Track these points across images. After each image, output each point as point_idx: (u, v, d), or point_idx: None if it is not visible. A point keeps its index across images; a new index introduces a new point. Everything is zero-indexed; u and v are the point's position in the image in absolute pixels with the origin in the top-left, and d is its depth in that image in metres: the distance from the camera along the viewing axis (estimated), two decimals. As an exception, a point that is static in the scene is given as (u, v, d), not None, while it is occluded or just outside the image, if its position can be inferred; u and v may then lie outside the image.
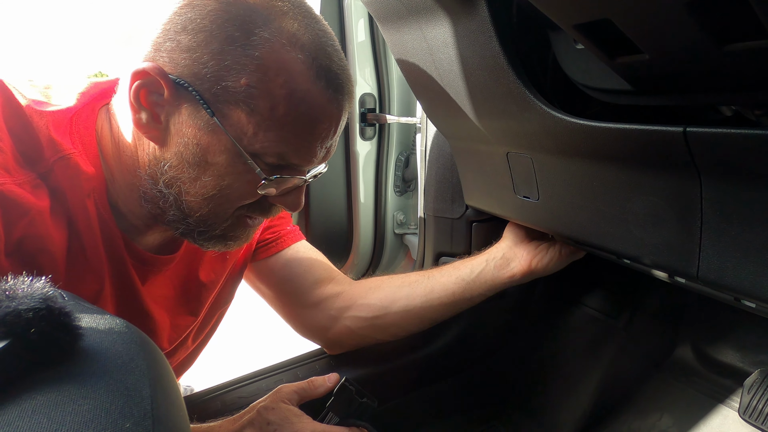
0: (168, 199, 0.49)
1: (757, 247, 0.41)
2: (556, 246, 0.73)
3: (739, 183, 0.41)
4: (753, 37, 0.31)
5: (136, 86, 0.45)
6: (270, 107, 0.45)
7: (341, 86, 0.48)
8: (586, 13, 0.36)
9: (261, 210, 0.53)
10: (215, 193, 0.48)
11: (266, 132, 0.45)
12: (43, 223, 0.44)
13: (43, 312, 0.26)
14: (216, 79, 0.44)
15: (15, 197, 0.42)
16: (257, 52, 0.43)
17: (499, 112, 0.58)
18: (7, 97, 0.45)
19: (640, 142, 0.44)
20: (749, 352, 0.72)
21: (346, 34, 1.05)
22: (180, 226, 0.51)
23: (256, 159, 0.47)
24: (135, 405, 0.26)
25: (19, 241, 0.42)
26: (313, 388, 0.66)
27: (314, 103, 0.46)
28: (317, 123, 0.47)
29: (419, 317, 0.74)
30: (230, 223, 0.51)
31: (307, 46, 0.45)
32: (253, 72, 0.43)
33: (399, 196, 1.18)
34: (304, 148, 0.48)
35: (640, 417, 0.75)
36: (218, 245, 0.53)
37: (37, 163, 0.45)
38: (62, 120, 0.48)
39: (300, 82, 0.45)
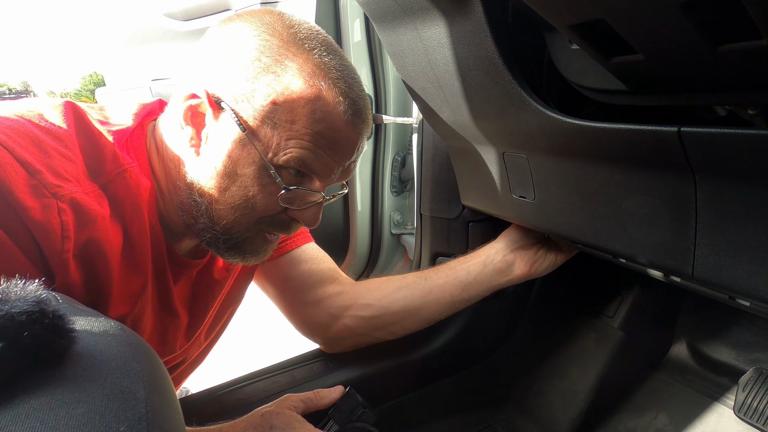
0: (200, 208, 0.54)
1: (752, 246, 0.41)
2: (553, 250, 0.75)
3: (733, 182, 0.41)
4: (747, 38, 0.31)
5: (185, 107, 0.52)
6: (292, 121, 0.51)
7: (359, 111, 0.54)
8: (581, 14, 0.36)
9: (281, 225, 0.57)
10: (241, 202, 0.53)
11: (287, 141, 0.51)
12: (104, 228, 0.49)
13: (36, 315, 0.26)
14: (248, 100, 0.50)
15: (85, 204, 0.47)
16: (285, 78, 0.50)
17: (494, 113, 0.58)
18: (77, 115, 0.51)
19: (634, 142, 0.44)
20: (744, 350, 0.72)
21: (342, 35, 1.05)
22: (207, 234, 0.56)
23: (279, 171, 0.52)
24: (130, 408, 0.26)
25: (85, 244, 0.47)
26: (318, 398, 0.67)
27: (333, 125, 0.52)
28: (336, 142, 0.53)
29: (417, 317, 0.76)
30: (251, 235, 0.56)
31: (330, 75, 0.52)
32: (279, 94, 0.50)
33: (396, 196, 1.17)
34: (323, 165, 0.53)
35: (636, 415, 0.75)
36: (237, 257, 0.58)
37: (99, 175, 0.50)
38: (122, 138, 0.54)
39: (320, 104, 0.51)
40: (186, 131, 0.53)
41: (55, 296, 0.32)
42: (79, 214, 0.46)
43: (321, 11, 1.02)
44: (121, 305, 0.53)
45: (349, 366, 0.80)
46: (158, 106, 0.60)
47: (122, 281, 0.52)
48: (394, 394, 0.82)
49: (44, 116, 0.48)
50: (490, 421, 0.86)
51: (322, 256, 0.79)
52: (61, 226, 0.45)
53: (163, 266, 0.58)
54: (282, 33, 0.51)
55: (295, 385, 0.76)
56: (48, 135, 0.47)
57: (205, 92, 0.51)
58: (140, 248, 0.53)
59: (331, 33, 1.05)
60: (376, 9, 0.64)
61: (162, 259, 0.57)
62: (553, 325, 0.90)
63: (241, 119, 0.51)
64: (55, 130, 0.48)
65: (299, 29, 0.52)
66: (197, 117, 0.52)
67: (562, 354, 0.85)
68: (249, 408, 0.64)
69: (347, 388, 0.67)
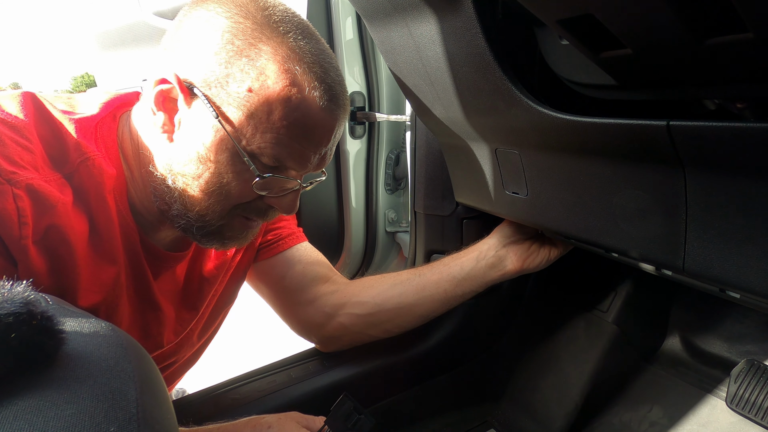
0: (173, 195, 0.53)
1: (741, 238, 0.42)
2: (547, 246, 0.75)
3: (722, 176, 0.41)
4: (733, 31, 0.31)
5: (156, 92, 0.51)
6: (267, 111, 0.49)
7: (336, 97, 0.52)
8: (568, 9, 0.36)
9: (257, 211, 0.56)
10: (215, 189, 0.52)
11: (263, 134, 0.50)
12: (66, 215, 0.48)
13: (24, 316, 0.26)
14: (222, 85, 0.49)
15: (43, 190, 0.46)
16: (259, 63, 0.49)
17: (486, 109, 0.58)
18: (37, 105, 0.50)
19: (625, 137, 0.45)
20: (736, 343, 0.73)
21: (334, 33, 1.05)
22: (181, 221, 0.55)
23: (254, 159, 0.51)
24: (120, 408, 0.26)
25: (45, 230, 0.47)
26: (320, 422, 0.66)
27: (309, 112, 0.50)
28: (312, 130, 0.51)
29: (412, 314, 0.76)
30: (226, 222, 0.55)
31: (305, 60, 0.50)
32: (254, 80, 0.49)
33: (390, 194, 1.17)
34: (298, 153, 0.52)
35: (631, 409, 0.75)
36: (215, 243, 0.57)
37: (64, 165, 0.49)
38: (87, 127, 0.53)
39: (296, 91, 0.49)
40: (158, 117, 0.51)
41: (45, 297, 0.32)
42: (36, 201, 0.45)
43: (313, 9, 1.02)
44: (92, 294, 0.52)
45: (345, 364, 0.80)
46: (134, 97, 0.59)
47: (91, 270, 0.51)
48: (391, 391, 0.82)
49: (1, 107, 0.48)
50: (487, 417, 0.86)
51: (316, 255, 0.79)
52: (17, 212, 0.44)
53: (137, 256, 0.57)
54: (256, 15, 0.49)
55: (291, 384, 0.76)
56: (3, 125, 0.46)
57: (176, 77, 0.50)
58: (108, 237, 0.52)
59: (323, 31, 1.04)
60: (367, 6, 0.64)
61: (135, 249, 0.56)
62: (547, 320, 0.90)
63: (215, 105, 0.49)
64: (11, 120, 0.47)
65: (274, 11, 0.51)
66: (169, 102, 0.51)
67: (556, 349, 0.85)
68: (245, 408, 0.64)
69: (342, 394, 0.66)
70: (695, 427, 0.68)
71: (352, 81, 1.09)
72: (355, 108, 1.09)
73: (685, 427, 0.69)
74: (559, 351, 0.85)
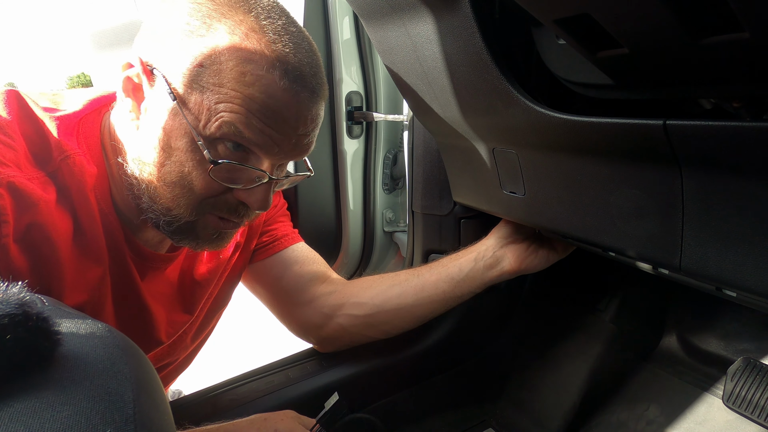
0: (141, 186, 0.52)
1: (738, 237, 0.42)
2: (546, 247, 0.74)
3: (719, 175, 0.41)
4: (729, 31, 0.31)
5: (123, 78, 0.49)
6: (218, 84, 0.46)
7: (301, 78, 0.48)
8: (565, 8, 0.36)
9: (228, 208, 0.52)
10: (177, 179, 0.49)
11: (215, 105, 0.46)
12: (49, 213, 0.47)
13: (19, 318, 0.25)
14: (178, 65, 0.47)
15: (25, 188, 0.45)
16: (213, 41, 0.47)
17: (483, 109, 0.58)
18: (21, 104, 0.49)
19: (621, 136, 0.45)
20: (732, 341, 0.73)
21: (331, 33, 1.05)
22: (150, 214, 0.53)
23: (214, 144, 0.48)
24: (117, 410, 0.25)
25: (27, 229, 0.46)
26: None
27: (267, 90, 0.47)
28: (273, 109, 0.47)
29: (411, 315, 0.75)
30: (197, 219, 0.52)
31: (267, 39, 0.47)
32: (206, 56, 0.46)
33: (388, 194, 1.17)
34: (258, 134, 0.48)
35: (628, 408, 0.76)
36: (187, 242, 0.54)
37: (47, 163, 0.48)
38: (69, 124, 0.51)
39: (252, 68, 0.46)
40: (126, 103, 0.50)
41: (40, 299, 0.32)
42: (17, 199, 0.45)
43: (309, 9, 1.01)
44: (77, 293, 0.51)
45: (343, 364, 0.80)
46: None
47: (75, 269, 0.50)
48: (389, 391, 0.82)
49: None
50: (485, 417, 0.86)
51: (313, 256, 0.79)
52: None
53: (121, 256, 0.55)
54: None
55: (290, 384, 0.76)
56: None
57: (139, 60, 0.48)
58: (92, 236, 0.51)
59: (320, 30, 1.04)
60: (364, 6, 0.64)
61: (120, 248, 0.55)
62: (545, 319, 0.91)
63: (170, 86, 0.47)
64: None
65: None
66: (136, 89, 0.50)
67: (554, 348, 0.85)
68: (243, 408, 0.64)
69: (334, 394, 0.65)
70: (692, 425, 0.69)
71: (349, 81, 1.08)
72: (353, 108, 1.09)
73: (682, 425, 0.69)
74: (557, 350, 0.85)
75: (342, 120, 1.08)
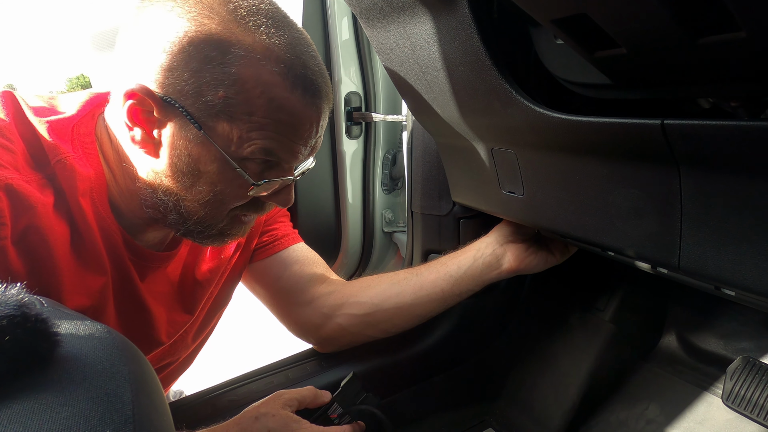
0: (168, 206, 0.53)
1: (736, 236, 0.42)
2: (544, 249, 0.75)
3: (717, 174, 0.41)
4: (726, 30, 0.31)
5: (128, 107, 0.48)
6: (249, 113, 0.48)
7: (318, 90, 0.51)
8: (563, 8, 0.36)
9: (254, 209, 0.57)
10: (210, 198, 0.52)
11: (248, 133, 0.49)
12: (46, 216, 0.47)
13: (18, 319, 0.25)
14: (197, 95, 0.47)
15: (23, 191, 0.46)
16: (233, 69, 0.46)
17: (482, 109, 0.58)
18: (17, 106, 0.50)
19: (620, 135, 0.45)
20: (731, 340, 0.73)
21: (330, 33, 1.05)
22: (180, 228, 0.55)
23: (244, 163, 0.50)
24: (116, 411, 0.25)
25: (24, 231, 0.46)
26: (313, 397, 0.66)
27: (293, 110, 0.49)
28: (298, 127, 0.51)
29: (410, 313, 0.76)
30: (226, 223, 0.56)
31: (282, 57, 0.48)
32: (230, 86, 0.47)
33: (387, 194, 1.17)
34: (288, 150, 0.52)
35: (627, 407, 0.76)
36: (216, 242, 0.58)
37: (45, 166, 0.49)
38: (64, 127, 0.52)
39: (277, 92, 0.48)
40: (135, 132, 0.50)
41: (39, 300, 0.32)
42: (15, 200, 0.45)
43: (308, 9, 1.02)
44: (78, 297, 0.51)
45: (343, 364, 0.80)
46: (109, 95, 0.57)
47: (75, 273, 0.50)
48: (389, 391, 0.82)
49: None
50: (484, 416, 0.86)
51: (312, 256, 0.79)
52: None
53: (121, 259, 0.56)
54: (220, 12, 0.46)
55: (289, 384, 0.76)
56: None
57: (147, 89, 0.47)
58: (90, 240, 0.51)
59: (319, 31, 1.04)
60: (362, 7, 0.64)
61: (118, 251, 0.55)
62: (544, 319, 0.91)
63: (194, 116, 0.48)
64: None
65: (239, 4, 0.47)
66: (143, 115, 0.49)
67: (553, 348, 0.86)
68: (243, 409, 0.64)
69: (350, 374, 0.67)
70: (692, 424, 0.69)
71: (348, 81, 1.09)
72: (352, 108, 1.09)
73: (681, 424, 0.69)
74: (557, 349, 0.85)
75: (341, 120, 1.09)
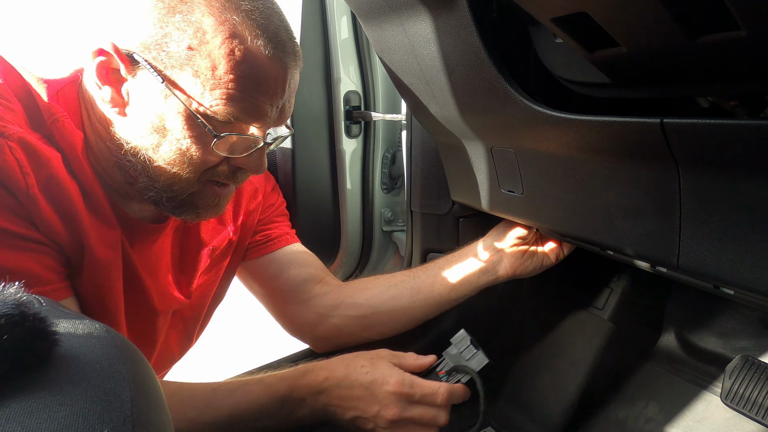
0: (137, 168, 0.52)
1: (735, 235, 0.42)
2: (540, 253, 0.75)
3: (715, 173, 0.41)
4: (726, 29, 0.31)
5: (96, 65, 0.48)
6: (211, 67, 0.47)
7: (282, 44, 0.50)
8: (563, 7, 0.36)
9: (226, 176, 0.54)
10: (176, 157, 0.50)
11: (212, 91, 0.47)
12: (61, 169, 0.48)
13: (16, 318, 0.25)
14: (160, 46, 0.47)
15: (35, 144, 0.46)
16: (194, 17, 0.46)
17: (481, 107, 0.58)
18: (8, 67, 0.50)
19: (619, 134, 0.45)
20: (730, 339, 0.73)
21: (329, 32, 1.04)
22: (150, 193, 0.53)
23: (208, 119, 0.49)
24: (114, 410, 0.25)
25: (46, 181, 0.46)
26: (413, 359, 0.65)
27: (255, 62, 0.48)
28: (262, 81, 0.49)
29: (406, 317, 0.76)
30: (198, 190, 0.54)
31: (243, 9, 0.47)
32: (192, 36, 0.46)
33: (386, 193, 1.17)
34: (253, 107, 0.50)
35: (627, 406, 0.76)
36: (189, 214, 0.56)
37: (41, 125, 0.49)
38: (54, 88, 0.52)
39: (238, 42, 0.47)
40: (105, 91, 0.49)
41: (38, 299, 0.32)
42: (31, 153, 0.45)
43: (307, 8, 1.01)
44: (103, 249, 0.52)
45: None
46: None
47: (93, 226, 0.51)
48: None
49: None
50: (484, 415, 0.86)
51: (308, 256, 0.79)
52: (17, 163, 0.44)
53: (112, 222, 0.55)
54: None
55: (288, 384, 0.76)
56: None
57: (113, 46, 0.47)
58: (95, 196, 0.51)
59: (318, 30, 1.04)
60: (362, 5, 0.64)
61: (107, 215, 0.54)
62: (543, 318, 0.91)
63: (157, 70, 0.47)
64: None
65: None
66: (112, 74, 0.49)
67: (552, 347, 0.86)
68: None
69: (461, 330, 0.65)
70: (691, 423, 0.69)
71: (347, 80, 1.08)
72: (351, 107, 1.09)
73: (680, 423, 0.69)
74: (556, 348, 0.85)
75: (340, 119, 1.08)
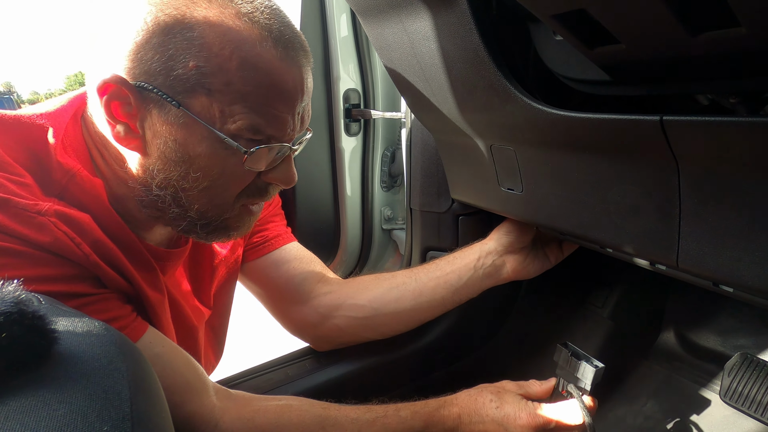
0: (165, 200, 0.50)
1: (734, 233, 0.42)
2: (542, 255, 0.76)
3: (715, 171, 0.41)
4: (725, 26, 0.31)
5: (105, 102, 0.46)
6: (225, 82, 0.44)
7: (289, 42, 0.47)
8: (562, 4, 0.36)
9: (259, 193, 0.53)
10: (209, 184, 0.48)
11: (231, 107, 0.45)
12: (97, 231, 0.47)
13: (15, 316, 0.25)
14: (167, 71, 0.44)
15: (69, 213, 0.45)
16: (195, 32, 0.43)
17: (481, 105, 0.58)
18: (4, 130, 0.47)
19: (618, 132, 0.45)
20: (729, 337, 0.73)
21: (329, 30, 1.04)
22: (182, 223, 0.51)
23: (234, 137, 0.47)
24: (113, 408, 0.25)
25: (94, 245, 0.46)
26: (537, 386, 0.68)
27: (269, 66, 0.45)
28: (278, 86, 0.46)
29: (409, 318, 0.76)
30: (234, 214, 0.52)
31: (244, 12, 0.45)
32: (197, 53, 0.43)
33: (386, 191, 1.17)
34: (275, 117, 0.47)
35: (626, 403, 0.76)
36: (222, 236, 0.54)
37: (52, 188, 0.47)
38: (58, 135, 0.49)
39: (247, 48, 0.44)
40: (119, 129, 0.47)
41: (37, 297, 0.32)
42: (70, 223, 0.45)
43: (307, 6, 1.01)
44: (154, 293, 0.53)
45: (342, 362, 0.80)
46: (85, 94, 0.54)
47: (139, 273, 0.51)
48: (388, 388, 0.82)
49: None
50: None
51: (307, 255, 0.78)
52: (66, 236, 0.43)
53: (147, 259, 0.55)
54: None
55: (288, 381, 0.76)
56: None
57: (118, 78, 0.44)
58: (128, 242, 0.51)
59: (318, 28, 1.04)
60: (361, 3, 0.64)
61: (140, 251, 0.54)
62: (542, 316, 0.91)
63: (170, 95, 0.44)
64: None
65: None
66: (122, 108, 0.46)
67: (552, 344, 0.85)
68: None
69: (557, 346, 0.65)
70: (690, 420, 0.69)
71: (347, 78, 1.08)
72: (350, 105, 1.09)
73: (679, 420, 0.70)
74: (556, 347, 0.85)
75: (340, 118, 1.08)
